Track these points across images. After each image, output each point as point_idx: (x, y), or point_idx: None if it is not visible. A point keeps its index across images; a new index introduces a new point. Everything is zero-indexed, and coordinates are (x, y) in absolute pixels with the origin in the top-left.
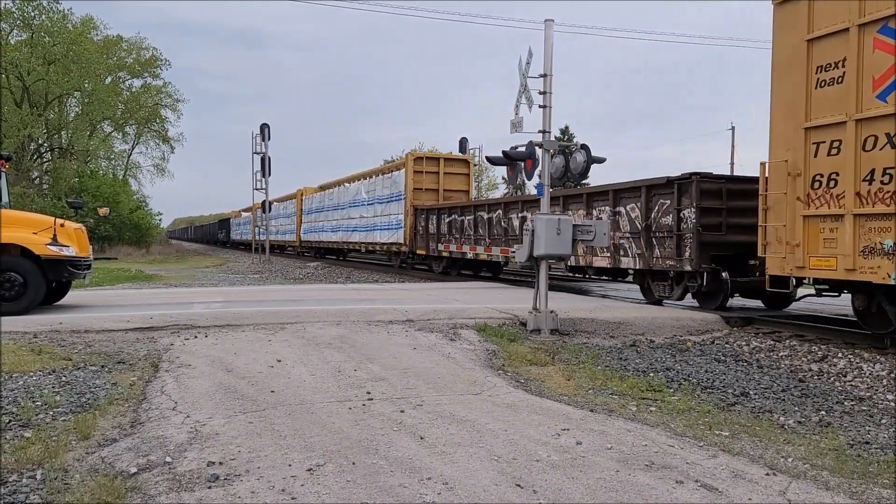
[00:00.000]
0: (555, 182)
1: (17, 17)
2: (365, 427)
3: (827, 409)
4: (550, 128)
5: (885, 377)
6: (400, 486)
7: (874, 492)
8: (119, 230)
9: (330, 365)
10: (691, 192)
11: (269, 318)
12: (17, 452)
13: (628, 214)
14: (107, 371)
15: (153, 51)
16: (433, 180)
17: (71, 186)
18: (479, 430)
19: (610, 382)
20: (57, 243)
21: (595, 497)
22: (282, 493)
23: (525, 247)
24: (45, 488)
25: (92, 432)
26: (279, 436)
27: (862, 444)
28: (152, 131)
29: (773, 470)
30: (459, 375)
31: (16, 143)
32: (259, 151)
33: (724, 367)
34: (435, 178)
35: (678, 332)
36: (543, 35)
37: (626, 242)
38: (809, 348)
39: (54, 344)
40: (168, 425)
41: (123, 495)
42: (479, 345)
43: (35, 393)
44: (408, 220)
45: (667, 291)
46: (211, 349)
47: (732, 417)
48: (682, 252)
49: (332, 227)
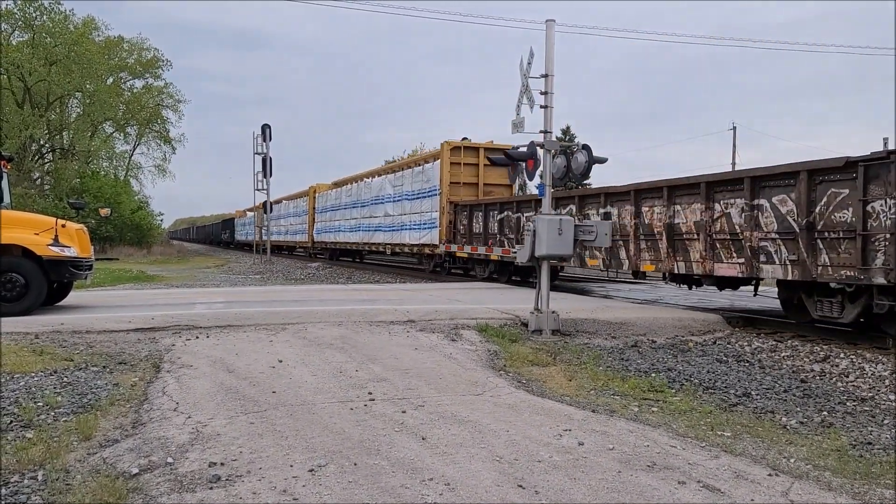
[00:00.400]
0: (556, 182)
1: (18, 17)
2: (366, 427)
3: (829, 410)
4: (552, 128)
5: (888, 377)
6: (402, 487)
7: (876, 492)
8: (120, 231)
9: (331, 365)
10: (889, 177)
11: (270, 319)
12: (18, 453)
13: (775, 209)
14: (108, 372)
15: (154, 51)
16: (472, 173)
17: (72, 187)
18: (480, 430)
19: (612, 383)
20: (58, 244)
21: (597, 497)
22: (283, 494)
23: (526, 247)
24: (47, 489)
25: (93, 433)
26: (281, 436)
27: (864, 445)
28: (153, 132)
29: (776, 470)
30: (461, 376)
31: (17, 143)
32: (260, 152)
33: (725, 368)
34: (474, 171)
35: (680, 332)
36: (545, 35)
37: (769, 245)
38: (811, 349)
39: (56, 345)
40: (169, 426)
41: (125, 496)
42: (481, 345)
43: (36, 394)
44: (444, 217)
45: (834, 311)
46: (212, 350)
47: (734, 418)
48: (871, 259)
49: (351, 226)
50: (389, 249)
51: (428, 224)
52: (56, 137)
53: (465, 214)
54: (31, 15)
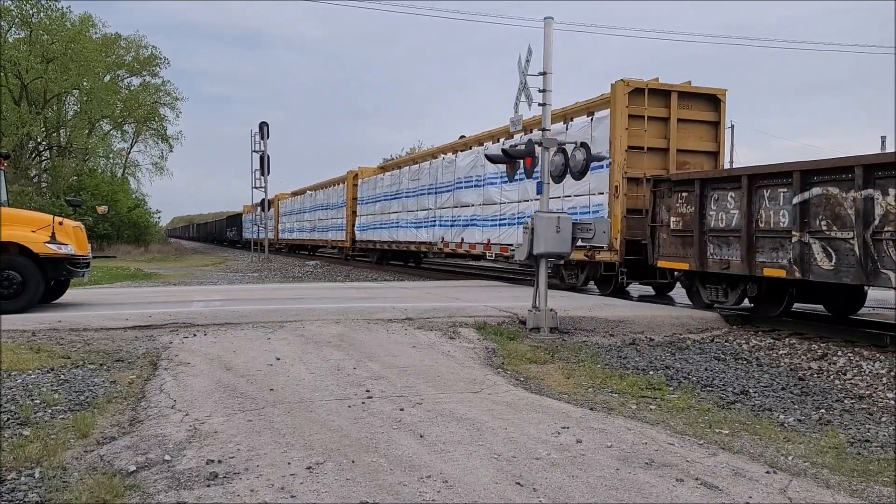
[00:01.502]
0: (554, 180)
1: (15, 15)
2: (364, 425)
3: (827, 408)
4: (550, 125)
5: (885, 375)
6: (400, 485)
7: (874, 490)
8: (118, 229)
9: (329, 363)
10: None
11: (268, 317)
12: (15, 450)
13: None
14: (105, 369)
15: (152, 49)
16: (658, 132)
17: (69, 185)
18: (478, 428)
19: (609, 381)
20: (55, 241)
21: (595, 495)
22: (281, 492)
23: (524, 245)
24: (44, 486)
25: (91, 430)
26: (278, 434)
27: (862, 442)
28: (151, 130)
29: (774, 468)
30: (459, 374)
31: (14, 141)
32: (258, 150)
33: (723, 366)
34: (661, 129)
35: (678, 330)
36: (543, 33)
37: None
38: (809, 346)
39: (53, 342)
40: (167, 423)
41: (122, 493)
42: (479, 343)
43: (34, 391)
44: (617, 203)
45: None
46: (210, 347)
47: (732, 416)
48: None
49: (416, 220)
50: (494, 254)
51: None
52: (53, 135)
53: (687, 196)
54: (27, 12)
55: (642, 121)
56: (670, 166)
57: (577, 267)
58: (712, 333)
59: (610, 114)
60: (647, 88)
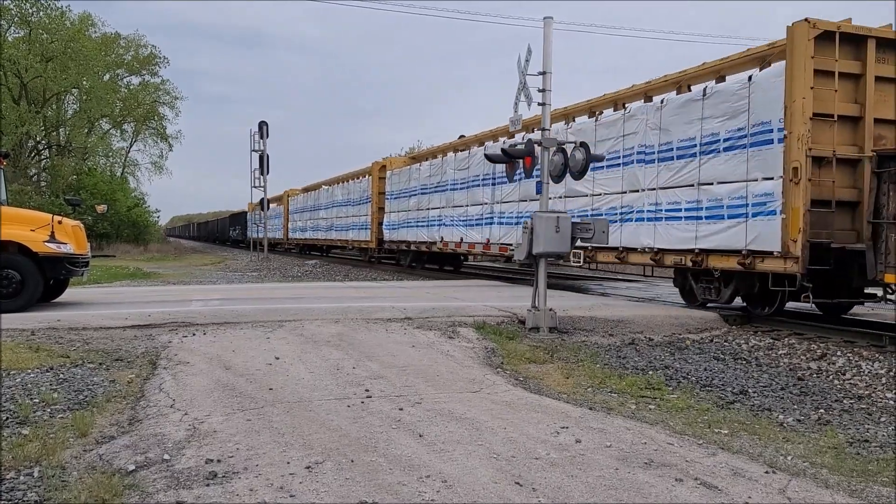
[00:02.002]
0: (554, 179)
1: (14, 14)
2: (364, 425)
3: (826, 408)
4: (549, 125)
5: (884, 375)
6: (399, 484)
7: (874, 490)
8: (117, 228)
9: (328, 362)
10: None
11: (267, 316)
12: (14, 450)
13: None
14: (105, 368)
15: (152, 48)
16: (848, 95)
17: (69, 184)
18: (477, 427)
19: (609, 380)
20: (55, 240)
21: (594, 495)
22: (280, 491)
23: (524, 245)
24: (43, 485)
25: (90, 430)
26: (277, 433)
27: (861, 443)
28: (150, 129)
29: (773, 468)
30: (458, 373)
31: (14, 140)
32: (258, 149)
33: (722, 366)
34: (851, 90)
35: (677, 330)
36: (543, 33)
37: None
38: (808, 346)
39: (52, 341)
40: (166, 423)
41: (121, 493)
42: (478, 343)
43: (33, 390)
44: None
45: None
46: (209, 347)
47: (731, 415)
48: None
49: (465, 217)
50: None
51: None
52: (52, 134)
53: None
54: (27, 11)
55: (830, 79)
56: (865, 141)
57: (721, 279)
58: (711, 333)
59: (786, 67)
60: (838, 32)
